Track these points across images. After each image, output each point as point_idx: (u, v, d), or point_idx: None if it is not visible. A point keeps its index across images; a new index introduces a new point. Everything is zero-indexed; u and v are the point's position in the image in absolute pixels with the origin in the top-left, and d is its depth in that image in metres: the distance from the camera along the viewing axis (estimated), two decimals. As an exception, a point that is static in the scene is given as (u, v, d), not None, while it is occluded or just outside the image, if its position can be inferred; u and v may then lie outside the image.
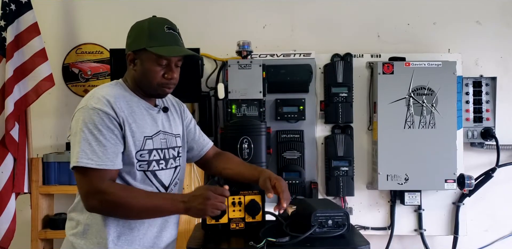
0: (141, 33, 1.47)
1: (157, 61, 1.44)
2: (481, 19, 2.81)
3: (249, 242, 1.37)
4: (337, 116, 2.62)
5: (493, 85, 2.76)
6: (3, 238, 2.58)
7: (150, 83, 1.47)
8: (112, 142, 1.38)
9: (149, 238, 1.49)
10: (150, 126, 1.49)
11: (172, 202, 1.39)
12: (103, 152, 1.36)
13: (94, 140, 1.36)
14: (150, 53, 1.44)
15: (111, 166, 1.37)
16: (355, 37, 2.82)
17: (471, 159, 2.74)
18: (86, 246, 1.44)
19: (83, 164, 1.34)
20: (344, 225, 1.49)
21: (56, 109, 2.88)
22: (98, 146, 1.36)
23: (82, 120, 1.38)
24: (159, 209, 1.39)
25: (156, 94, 1.52)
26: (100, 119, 1.37)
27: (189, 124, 1.70)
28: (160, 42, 1.44)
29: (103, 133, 1.37)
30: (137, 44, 1.46)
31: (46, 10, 2.83)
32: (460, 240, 2.69)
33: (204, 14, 2.85)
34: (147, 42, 1.44)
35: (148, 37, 1.44)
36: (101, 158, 1.35)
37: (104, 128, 1.38)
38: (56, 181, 2.64)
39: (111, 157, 1.37)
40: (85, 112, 1.39)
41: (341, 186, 2.59)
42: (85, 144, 1.36)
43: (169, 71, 1.47)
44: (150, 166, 1.46)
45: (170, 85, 1.50)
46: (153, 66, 1.45)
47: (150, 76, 1.46)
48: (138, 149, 1.44)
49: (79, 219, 1.47)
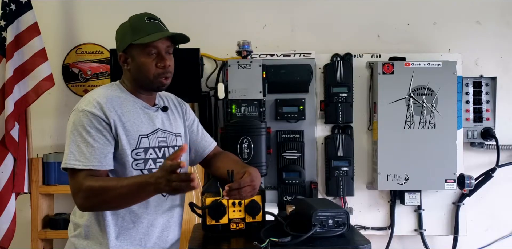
0: (125, 32, 1.49)
1: (146, 52, 1.45)
2: (481, 19, 2.82)
3: (253, 242, 1.37)
4: (337, 116, 2.62)
5: (493, 85, 2.76)
6: (3, 238, 2.58)
7: (146, 76, 1.47)
8: (101, 143, 1.39)
9: (152, 238, 1.49)
10: (146, 124, 1.49)
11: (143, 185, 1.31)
12: (90, 152, 1.38)
13: (82, 141, 1.39)
14: (137, 47, 1.45)
15: (99, 166, 1.39)
16: (355, 37, 2.82)
17: (471, 159, 2.74)
18: (88, 247, 1.45)
19: (70, 165, 1.38)
20: (344, 225, 1.49)
21: (56, 109, 2.88)
22: (86, 147, 1.38)
23: (72, 123, 1.41)
24: (132, 194, 1.34)
25: (156, 87, 1.51)
26: (88, 121, 1.39)
27: (191, 125, 1.69)
28: (143, 33, 1.44)
29: (92, 134, 1.39)
30: (124, 43, 1.48)
31: (46, 10, 2.83)
32: (460, 240, 2.69)
33: (204, 14, 2.85)
34: (131, 37, 1.45)
35: (131, 32, 1.46)
36: (89, 158, 1.37)
37: (93, 129, 1.39)
38: (56, 181, 2.64)
39: (99, 158, 1.39)
40: (75, 115, 1.42)
41: (341, 186, 2.59)
42: (73, 145, 1.39)
43: (161, 60, 1.47)
44: (146, 165, 1.47)
45: (167, 74, 1.49)
46: (143, 58, 1.46)
47: (144, 70, 1.47)
48: (133, 148, 1.44)
49: (79, 222, 1.49)
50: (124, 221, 1.45)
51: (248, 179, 1.44)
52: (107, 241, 1.43)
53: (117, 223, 1.45)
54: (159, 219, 1.50)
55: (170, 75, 1.51)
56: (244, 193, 1.42)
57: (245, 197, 1.44)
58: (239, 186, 1.41)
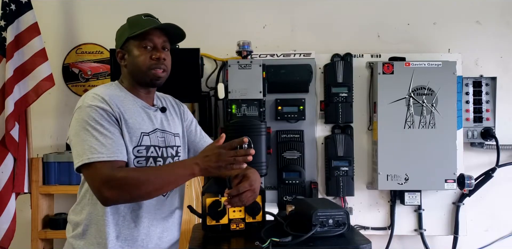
0: (123, 30, 1.53)
1: (142, 45, 1.48)
2: (481, 19, 2.82)
3: (255, 242, 1.37)
4: (337, 116, 2.62)
5: (493, 85, 2.76)
6: (3, 238, 2.58)
7: (139, 68, 1.48)
8: (116, 135, 1.39)
9: (152, 238, 1.48)
10: (147, 123, 1.49)
11: (185, 166, 1.37)
12: (111, 144, 1.36)
13: (99, 135, 1.36)
14: (134, 41, 1.48)
15: (122, 157, 1.38)
16: (355, 37, 2.82)
17: (471, 159, 2.74)
18: (86, 247, 1.44)
19: (94, 159, 1.33)
20: (345, 224, 1.49)
21: (56, 109, 2.88)
22: (105, 139, 1.36)
23: (82, 119, 1.38)
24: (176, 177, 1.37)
25: (149, 80, 1.50)
26: (99, 115, 1.38)
27: (189, 125, 1.69)
28: (140, 27, 1.47)
29: (106, 127, 1.38)
30: (121, 39, 1.51)
31: (46, 10, 2.83)
32: (460, 240, 2.69)
33: (204, 14, 2.85)
34: (128, 32, 1.48)
35: (128, 28, 1.49)
36: (111, 149, 1.35)
37: (105, 122, 1.38)
38: (56, 181, 2.64)
39: (120, 148, 1.38)
40: (83, 111, 1.39)
41: (341, 186, 2.59)
42: (91, 140, 1.35)
43: (156, 52, 1.49)
44: (148, 163, 1.46)
45: (160, 66, 1.49)
46: (139, 51, 1.48)
47: (139, 62, 1.48)
48: (135, 145, 1.44)
49: (78, 220, 1.47)
50: (125, 220, 1.44)
51: (246, 184, 1.43)
52: (106, 241, 1.41)
53: (118, 223, 1.43)
54: (158, 219, 1.49)
55: (165, 68, 1.51)
56: (245, 198, 1.42)
57: (246, 202, 1.43)
58: (238, 192, 1.41)
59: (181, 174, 1.37)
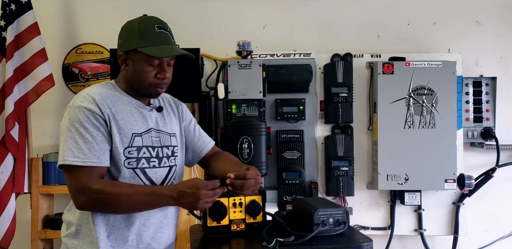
0: (131, 33, 1.46)
1: (148, 62, 1.44)
2: (481, 19, 2.82)
3: (262, 243, 1.38)
4: (337, 116, 2.62)
5: (493, 85, 2.76)
6: (3, 238, 2.58)
7: (141, 83, 1.47)
8: (98, 139, 1.38)
9: (144, 238, 1.48)
10: (140, 123, 1.48)
11: (162, 197, 1.37)
12: (89, 149, 1.36)
13: (80, 138, 1.37)
14: (141, 54, 1.43)
15: (98, 162, 1.37)
16: (355, 37, 2.83)
17: (471, 159, 2.75)
18: (79, 246, 1.45)
19: (69, 162, 1.35)
20: (344, 223, 1.50)
21: (56, 109, 2.88)
22: (85, 143, 1.36)
23: (68, 119, 1.40)
24: (149, 205, 1.40)
25: (148, 94, 1.51)
26: (85, 117, 1.39)
27: (188, 125, 1.68)
28: (151, 42, 1.43)
29: (89, 130, 1.38)
30: (128, 45, 1.46)
31: (46, 10, 2.83)
32: (460, 240, 2.69)
33: (204, 14, 2.84)
34: (138, 43, 1.43)
35: (138, 37, 1.44)
36: (87, 155, 1.36)
37: (90, 125, 1.38)
38: (56, 181, 2.64)
39: (98, 154, 1.37)
40: (71, 111, 1.41)
41: (341, 186, 2.59)
42: (71, 142, 1.37)
43: (162, 71, 1.47)
44: (139, 164, 1.45)
45: (163, 85, 1.49)
46: (144, 67, 1.45)
47: (142, 77, 1.46)
48: (126, 146, 1.43)
49: (71, 220, 1.49)
50: (115, 220, 1.44)
51: (254, 172, 1.44)
52: (97, 240, 1.41)
53: (109, 222, 1.43)
54: (152, 219, 1.49)
55: (166, 86, 1.51)
56: (247, 186, 1.41)
57: (246, 189, 1.42)
58: (245, 176, 1.40)
59: (154, 203, 1.40)
